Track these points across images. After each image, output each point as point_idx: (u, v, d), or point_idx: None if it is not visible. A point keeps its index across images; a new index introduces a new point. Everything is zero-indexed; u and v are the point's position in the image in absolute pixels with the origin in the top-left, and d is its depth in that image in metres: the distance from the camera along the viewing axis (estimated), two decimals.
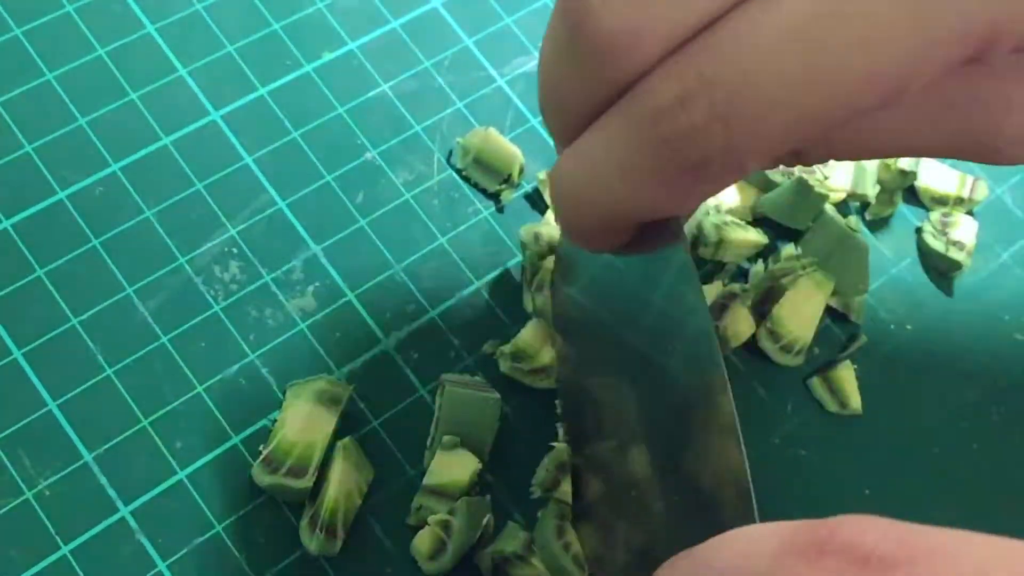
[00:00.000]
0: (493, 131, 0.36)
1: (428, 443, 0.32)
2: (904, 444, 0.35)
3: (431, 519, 0.30)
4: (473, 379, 0.32)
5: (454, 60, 0.38)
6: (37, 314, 0.32)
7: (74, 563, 0.29)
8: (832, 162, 0.34)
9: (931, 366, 0.36)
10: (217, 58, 0.36)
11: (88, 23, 0.36)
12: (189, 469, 0.31)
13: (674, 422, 0.26)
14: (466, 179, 0.36)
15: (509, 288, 0.35)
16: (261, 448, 0.31)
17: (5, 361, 0.31)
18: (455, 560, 0.30)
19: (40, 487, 0.30)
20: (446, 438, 0.31)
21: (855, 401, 0.35)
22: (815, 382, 0.35)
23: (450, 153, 0.36)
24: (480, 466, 0.31)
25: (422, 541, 0.30)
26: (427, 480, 0.31)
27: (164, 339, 0.32)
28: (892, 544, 0.16)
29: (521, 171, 0.36)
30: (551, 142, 0.37)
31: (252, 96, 0.36)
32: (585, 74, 0.21)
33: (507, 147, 0.36)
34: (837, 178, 0.37)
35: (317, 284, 0.34)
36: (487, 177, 0.36)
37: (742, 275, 0.36)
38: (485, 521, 0.30)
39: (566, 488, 0.31)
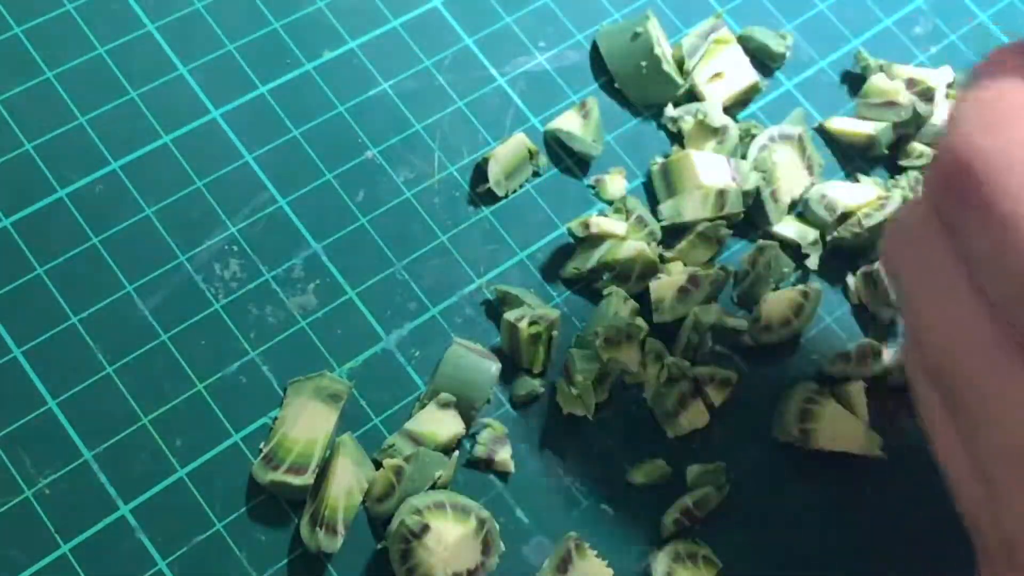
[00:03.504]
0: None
1: (420, 396, 0.32)
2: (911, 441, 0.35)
3: (387, 462, 0.30)
4: (482, 348, 0.33)
5: (454, 59, 0.38)
6: (37, 312, 0.32)
7: (74, 561, 0.29)
8: None
9: None
10: (217, 56, 0.36)
11: (88, 22, 0.36)
12: (189, 467, 0.31)
13: None
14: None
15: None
16: (261, 446, 0.31)
17: (5, 359, 0.31)
18: (398, 505, 0.30)
19: (40, 485, 0.30)
20: (443, 395, 0.31)
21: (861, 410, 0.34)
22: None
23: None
24: (463, 433, 0.31)
25: (375, 483, 0.30)
26: (408, 424, 0.31)
27: (164, 337, 0.32)
28: None
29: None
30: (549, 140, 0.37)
31: (252, 94, 0.36)
32: None
33: None
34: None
35: (318, 282, 0.34)
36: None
37: None
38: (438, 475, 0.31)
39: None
